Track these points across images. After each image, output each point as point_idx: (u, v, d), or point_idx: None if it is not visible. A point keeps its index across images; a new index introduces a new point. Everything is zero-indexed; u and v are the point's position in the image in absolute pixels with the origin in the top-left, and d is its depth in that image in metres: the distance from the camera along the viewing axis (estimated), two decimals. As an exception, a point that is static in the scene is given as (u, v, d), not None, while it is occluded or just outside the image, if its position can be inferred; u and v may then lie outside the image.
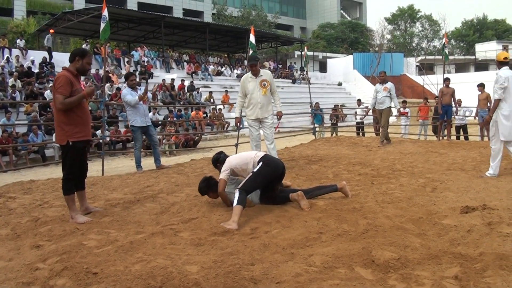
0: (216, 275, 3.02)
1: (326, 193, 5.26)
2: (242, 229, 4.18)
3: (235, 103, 18.34)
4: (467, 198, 4.95)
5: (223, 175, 4.92)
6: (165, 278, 2.97)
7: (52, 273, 3.16)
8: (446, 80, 13.45)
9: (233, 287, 2.85)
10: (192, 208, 5.07)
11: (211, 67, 28.16)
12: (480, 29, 61.12)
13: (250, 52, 12.17)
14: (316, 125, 15.83)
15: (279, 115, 7.49)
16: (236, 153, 11.25)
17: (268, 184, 4.89)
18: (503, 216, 4.03)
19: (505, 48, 43.51)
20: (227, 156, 5.24)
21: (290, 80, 33.60)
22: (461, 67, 46.47)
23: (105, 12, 8.43)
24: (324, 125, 18.75)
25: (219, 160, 5.25)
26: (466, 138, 14.66)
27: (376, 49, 49.27)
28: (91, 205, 5.25)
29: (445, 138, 13.10)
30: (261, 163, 4.84)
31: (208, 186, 5.10)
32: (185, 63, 27.68)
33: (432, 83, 35.56)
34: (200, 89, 23.87)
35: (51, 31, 24.29)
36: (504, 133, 6.41)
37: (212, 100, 22.54)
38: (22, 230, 4.39)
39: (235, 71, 29.85)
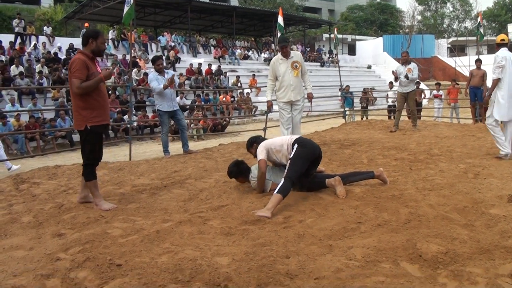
0: (249, 269, 2.78)
1: (362, 180, 4.95)
2: (275, 218, 3.93)
3: (262, 86, 17.74)
4: (516, 185, 4.57)
5: (261, 155, 4.68)
6: (194, 272, 2.75)
7: (73, 264, 2.97)
8: (477, 62, 12.91)
9: (268, 283, 2.59)
10: (221, 194, 4.86)
11: (238, 51, 27.83)
12: (512, 9, 58.70)
13: (279, 34, 11.87)
14: (346, 109, 15.40)
15: (310, 97, 7.22)
16: (264, 136, 11.00)
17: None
18: (561, 205, 3.66)
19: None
20: (265, 139, 5.02)
21: (319, 63, 33.01)
22: (493, 48, 44.61)
23: (130, -5, 8.20)
24: (355, 108, 18.31)
25: (257, 141, 4.99)
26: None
27: (406, 30, 47.91)
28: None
29: (481, 121, 12.53)
30: (296, 145, 4.60)
31: (239, 171, 4.92)
32: (212, 48, 27.43)
33: (464, 64, 34.35)
34: (228, 73, 23.61)
35: (86, 25, 24.33)
36: (500, 113, 6.43)
37: (239, 84, 22.29)
38: (45, 217, 4.24)
39: (262, 54, 29.42)
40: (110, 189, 5.32)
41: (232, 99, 19.97)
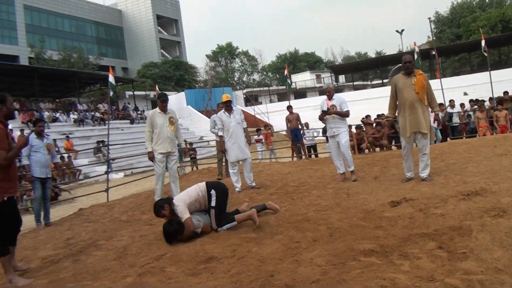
0: (253, 288, 3.28)
1: (261, 211, 5.75)
2: (223, 254, 4.36)
3: (80, 150, 17.34)
4: (384, 196, 5.84)
5: (186, 214, 5.14)
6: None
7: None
8: (289, 108, 15.04)
9: (281, 292, 3.16)
10: (149, 247, 5.01)
11: (46, 114, 26.28)
12: (293, 62, 68.71)
13: (111, 93, 12.25)
14: (177, 161, 16.04)
15: (184, 151, 7.89)
16: (107, 199, 10.82)
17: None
18: (427, 203, 5.01)
19: (318, 77, 49.25)
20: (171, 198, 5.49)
21: (128, 121, 33.06)
22: (283, 96, 51.03)
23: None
24: (184, 160, 19.07)
25: (167, 202, 5.32)
26: (317, 155, 16.39)
27: (202, 85, 51.31)
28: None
29: (303, 157, 14.55)
30: (212, 191, 5.39)
31: (178, 231, 5.07)
32: (16, 112, 25.40)
33: (262, 112, 38.39)
34: (41, 139, 22.13)
35: None
36: (231, 155, 8.29)
37: (56, 148, 21.12)
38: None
39: (71, 116, 28.28)
40: (19, 265, 5.03)
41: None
